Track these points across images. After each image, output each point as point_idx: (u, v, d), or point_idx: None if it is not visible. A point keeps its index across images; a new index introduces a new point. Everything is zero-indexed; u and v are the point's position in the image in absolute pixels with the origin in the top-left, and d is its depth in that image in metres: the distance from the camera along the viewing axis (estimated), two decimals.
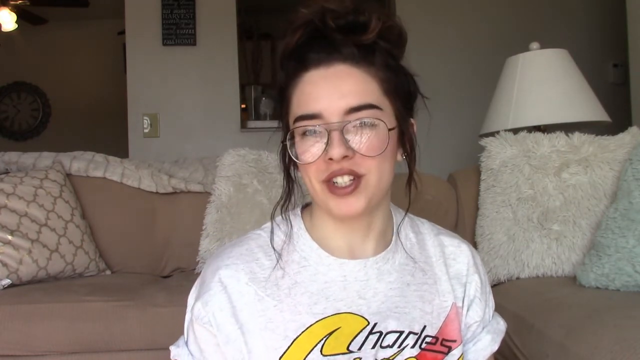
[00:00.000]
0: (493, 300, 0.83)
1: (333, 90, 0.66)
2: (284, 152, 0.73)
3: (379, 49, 0.68)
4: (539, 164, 1.56)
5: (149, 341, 1.37)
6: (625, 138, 1.56)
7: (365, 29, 0.66)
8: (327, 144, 0.65)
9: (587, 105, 1.92)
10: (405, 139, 0.71)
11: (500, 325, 0.82)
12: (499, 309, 1.31)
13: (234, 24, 3.23)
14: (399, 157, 0.72)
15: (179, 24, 3.14)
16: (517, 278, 1.51)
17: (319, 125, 0.65)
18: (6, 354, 1.35)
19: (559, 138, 1.59)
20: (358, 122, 0.65)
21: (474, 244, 1.63)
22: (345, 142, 0.65)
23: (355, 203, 0.66)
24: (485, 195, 1.63)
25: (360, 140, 0.65)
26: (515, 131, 1.67)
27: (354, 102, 0.65)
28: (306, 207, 0.79)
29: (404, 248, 0.76)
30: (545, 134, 1.62)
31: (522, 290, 1.42)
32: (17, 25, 4.07)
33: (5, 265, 1.51)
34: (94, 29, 5.33)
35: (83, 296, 1.44)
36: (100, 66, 5.38)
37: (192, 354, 0.73)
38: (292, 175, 0.74)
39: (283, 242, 0.74)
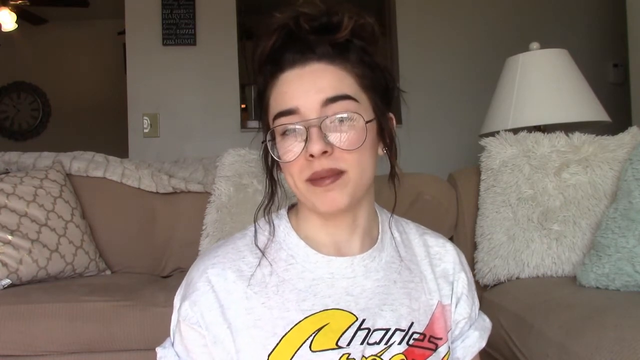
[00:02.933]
0: (478, 299, 0.85)
1: (309, 86, 0.67)
2: (265, 153, 0.74)
3: (353, 47, 0.69)
4: (539, 164, 1.56)
5: (149, 341, 1.37)
6: (625, 138, 1.55)
7: (339, 29, 0.68)
8: (307, 140, 0.66)
9: (587, 105, 1.92)
10: (384, 133, 0.72)
11: (487, 322, 0.84)
12: (499, 308, 1.30)
13: (234, 24, 3.23)
14: (380, 152, 0.73)
15: (179, 24, 3.15)
16: (517, 278, 1.50)
17: (297, 123, 0.66)
18: (6, 354, 1.35)
19: (559, 138, 1.59)
20: (335, 117, 0.66)
21: (474, 244, 1.63)
22: (324, 138, 0.66)
23: (338, 198, 0.67)
24: (485, 195, 1.62)
25: (338, 135, 0.66)
26: (515, 131, 1.67)
27: (331, 93, 0.66)
28: (292, 207, 0.80)
29: (395, 243, 0.77)
30: (545, 134, 1.62)
31: (522, 290, 1.42)
32: (17, 25, 4.07)
33: (5, 265, 1.51)
34: (94, 29, 5.33)
35: (83, 296, 1.44)
36: (100, 66, 5.38)
37: (178, 355, 0.73)
38: (275, 176, 0.75)
39: (267, 239, 0.75)
